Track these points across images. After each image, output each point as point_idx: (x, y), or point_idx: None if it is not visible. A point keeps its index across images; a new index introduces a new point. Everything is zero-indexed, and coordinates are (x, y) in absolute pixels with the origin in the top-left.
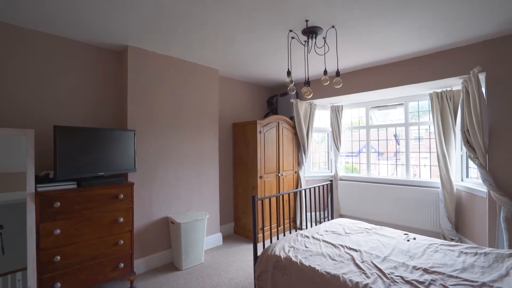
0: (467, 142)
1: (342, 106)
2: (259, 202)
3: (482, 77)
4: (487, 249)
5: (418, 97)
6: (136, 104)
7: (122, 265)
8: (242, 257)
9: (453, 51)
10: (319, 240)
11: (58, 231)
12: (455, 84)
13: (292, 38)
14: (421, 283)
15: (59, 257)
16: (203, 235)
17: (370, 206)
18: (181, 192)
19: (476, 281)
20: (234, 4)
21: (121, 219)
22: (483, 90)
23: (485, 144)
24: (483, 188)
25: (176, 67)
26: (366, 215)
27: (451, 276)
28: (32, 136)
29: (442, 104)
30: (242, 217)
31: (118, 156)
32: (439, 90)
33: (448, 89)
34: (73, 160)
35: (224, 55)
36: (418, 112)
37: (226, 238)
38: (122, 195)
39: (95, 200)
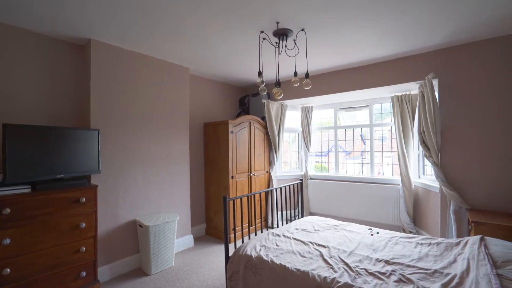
0: (423, 142)
1: (312, 107)
2: (231, 202)
3: (435, 82)
4: (439, 239)
5: (381, 99)
6: (100, 102)
7: (84, 273)
8: (214, 258)
9: (411, 58)
10: (290, 238)
11: (7, 241)
12: (413, 88)
13: (264, 39)
14: (383, 274)
15: (8, 270)
16: (173, 238)
17: (338, 204)
18: (150, 194)
19: (430, 269)
20: (206, 2)
21: (83, 224)
22: (436, 94)
23: (438, 144)
24: (437, 184)
25: (145, 64)
26: (334, 212)
27: (409, 266)
28: None
29: (402, 107)
30: (214, 218)
31: (80, 157)
32: (399, 94)
33: (407, 93)
34: (27, 162)
35: (195, 53)
36: (381, 114)
37: (198, 240)
38: (84, 199)
39: (53, 204)
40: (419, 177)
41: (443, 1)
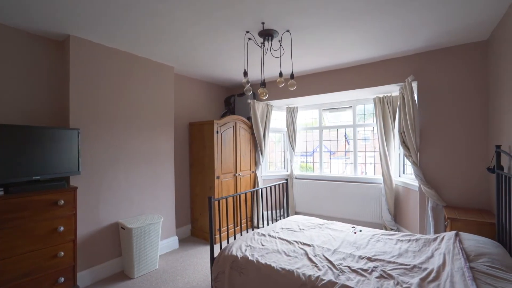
0: (403, 142)
1: (297, 107)
2: (216, 203)
3: (415, 85)
4: (418, 236)
5: (364, 101)
6: (80, 101)
7: (62, 279)
8: (199, 260)
9: (392, 61)
10: (275, 238)
11: None
12: (394, 90)
13: (249, 39)
14: (365, 270)
15: None
16: (158, 240)
17: (323, 203)
18: (133, 195)
19: (409, 264)
20: (190, 0)
21: (62, 228)
22: (416, 96)
23: (417, 144)
24: (416, 183)
25: (128, 62)
26: (319, 211)
27: (389, 262)
28: None
29: (384, 108)
30: (199, 219)
31: (58, 157)
32: (381, 95)
33: (389, 94)
34: None
35: (180, 52)
36: (364, 114)
37: (183, 241)
38: (62, 201)
39: (29, 208)
40: (399, 176)
41: (420, 8)
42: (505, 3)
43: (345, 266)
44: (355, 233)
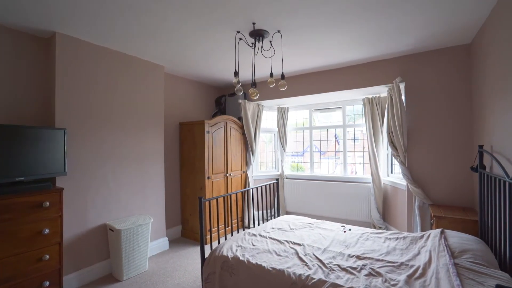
0: (391, 142)
1: (287, 107)
2: (207, 203)
3: (402, 86)
4: (405, 234)
5: (353, 101)
6: (67, 100)
7: (47, 283)
8: (190, 261)
9: (380, 63)
10: (266, 238)
11: None
12: (382, 91)
13: (240, 39)
14: (354, 268)
15: None
16: (147, 241)
17: (313, 202)
18: (122, 196)
19: (396, 262)
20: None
21: (47, 230)
22: (403, 97)
23: (404, 144)
24: (403, 182)
25: (117, 61)
26: (310, 211)
27: (378, 260)
28: None
29: (372, 109)
30: (189, 219)
31: (44, 158)
32: (370, 96)
33: (377, 95)
34: None
35: (170, 51)
36: (354, 115)
37: (173, 242)
38: (48, 203)
39: (12, 210)
40: (388, 176)
41: (406, 11)
42: (487, 9)
43: (335, 264)
44: (344, 232)
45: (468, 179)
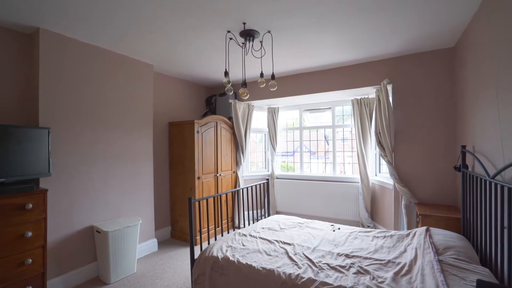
0: (379, 142)
1: (278, 108)
2: (197, 204)
3: (390, 87)
4: (392, 232)
5: (343, 102)
6: (52, 98)
7: None
8: (180, 262)
9: (369, 64)
10: (256, 238)
11: None
12: (370, 92)
13: (230, 39)
14: (343, 267)
15: None
16: (136, 243)
17: (303, 202)
18: (110, 197)
19: (384, 259)
20: None
21: (29, 233)
22: (391, 98)
23: (392, 144)
24: (391, 181)
25: (104, 58)
26: (300, 210)
27: (366, 258)
28: None
29: (361, 110)
30: (179, 220)
31: (27, 158)
32: (359, 97)
33: (366, 96)
34: None
35: (160, 50)
36: (343, 115)
37: (162, 244)
38: (31, 205)
39: None
40: (376, 175)
41: (393, 15)
42: (469, 14)
43: (324, 263)
44: (334, 231)
45: (452, 179)
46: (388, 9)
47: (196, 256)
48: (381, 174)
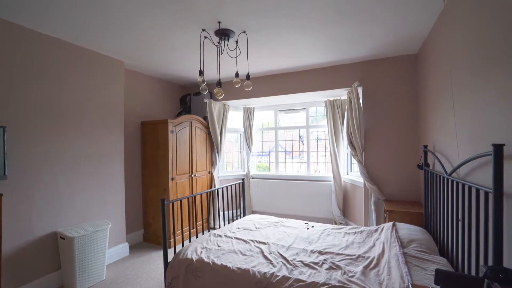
0: (351, 142)
1: (253, 108)
2: (171, 205)
3: (360, 90)
4: (362, 228)
5: (316, 103)
6: (9, 95)
7: None
8: (153, 266)
9: (341, 67)
10: (231, 238)
11: None
12: (343, 94)
13: (205, 38)
14: (316, 263)
15: None
16: (105, 248)
17: (279, 201)
18: (76, 201)
19: (354, 254)
20: None
21: None
22: (361, 100)
23: (362, 144)
24: (361, 180)
25: (70, 53)
26: (275, 210)
27: (338, 254)
28: None
29: (334, 111)
30: (152, 223)
31: None
32: (332, 99)
33: (338, 98)
34: None
35: (130, 46)
36: (317, 116)
37: (134, 247)
38: None
39: None
40: (347, 174)
41: (364, 21)
42: (429, 23)
43: (298, 261)
44: (308, 229)
45: (416, 176)
46: (352, 16)
47: (169, 259)
48: (352, 173)
